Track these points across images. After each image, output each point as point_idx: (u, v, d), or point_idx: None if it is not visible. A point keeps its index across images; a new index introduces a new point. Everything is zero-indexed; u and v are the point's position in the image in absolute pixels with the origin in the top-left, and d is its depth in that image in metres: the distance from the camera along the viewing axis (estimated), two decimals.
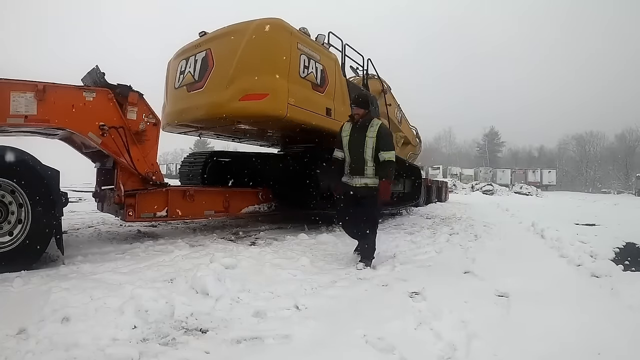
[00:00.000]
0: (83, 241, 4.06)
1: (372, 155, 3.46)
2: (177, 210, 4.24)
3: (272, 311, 2.29)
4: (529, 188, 29.13)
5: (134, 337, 1.88)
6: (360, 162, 3.50)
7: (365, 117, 3.53)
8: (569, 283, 3.12)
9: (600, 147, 53.54)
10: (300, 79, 4.73)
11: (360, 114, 3.52)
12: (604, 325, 2.17)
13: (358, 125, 3.53)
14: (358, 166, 3.52)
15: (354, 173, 3.56)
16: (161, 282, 2.67)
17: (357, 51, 6.54)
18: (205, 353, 1.78)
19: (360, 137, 3.48)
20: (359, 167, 3.52)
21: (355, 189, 3.54)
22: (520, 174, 39.66)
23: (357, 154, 3.51)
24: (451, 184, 24.18)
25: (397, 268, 3.45)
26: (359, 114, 3.52)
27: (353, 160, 3.56)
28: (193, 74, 4.89)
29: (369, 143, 3.45)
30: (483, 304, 2.49)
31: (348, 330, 2.01)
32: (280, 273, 3.06)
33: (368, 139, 3.45)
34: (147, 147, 3.86)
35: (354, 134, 3.54)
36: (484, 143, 60.58)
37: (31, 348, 1.70)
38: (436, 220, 7.94)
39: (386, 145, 3.46)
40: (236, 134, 6.09)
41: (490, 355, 1.81)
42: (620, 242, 4.87)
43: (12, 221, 2.87)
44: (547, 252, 4.48)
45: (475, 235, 5.62)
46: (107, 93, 3.54)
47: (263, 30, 4.47)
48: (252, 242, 4.51)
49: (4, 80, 3.04)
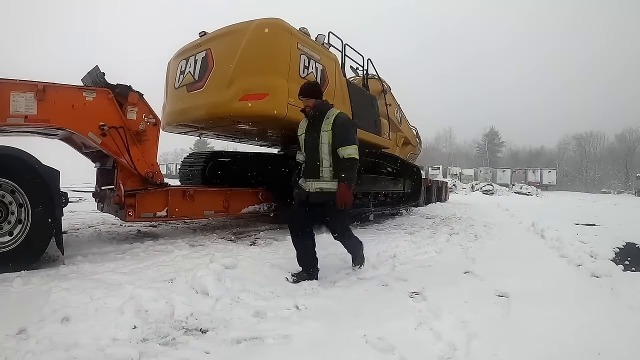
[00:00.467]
0: (83, 241, 4.06)
1: (329, 153, 2.91)
2: (177, 210, 4.24)
3: (272, 311, 2.30)
4: (529, 188, 29.13)
5: (134, 337, 1.88)
6: (314, 162, 2.96)
7: (318, 107, 2.98)
8: (569, 283, 3.12)
9: (600, 147, 53.61)
10: (301, 79, 4.71)
11: (310, 104, 2.98)
12: (604, 326, 2.17)
13: (312, 119, 3.01)
14: (312, 167, 2.97)
15: (308, 176, 3.01)
16: (161, 282, 2.67)
17: (357, 51, 6.54)
18: (205, 353, 1.78)
19: (314, 133, 2.96)
20: (314, 168, 2.96)
21: (308, 195, 3.00)
22: (520, 174, 39.66)
23: (312, 153, 2.97)
24: (451, 184, 24.17)
25: (397, 268, 3.45)
26: (310, 105, 2.97)
27: (308, 161, 3.04)
28: (193, 74, 4.89)
29: (323, 138, 2.90)
30: (483, 304, 2.49)
31: (348, 330, 2.01)
32: (280, 273, 3.06)
33: (323, 134, 2.90)
34: (147, 147, 3.86)
35: (309, 130, 3.03)
36: (484, 143, 60.59)
37: (31, 348, 1.70)
38: (436, 220, 7.95)
39: (345, 138, 2.88)
40: (236, 134, 6.09)
41: (490, 355, 1.81)
42: (620, 242, 4.87)
43: (12, 221, 2.87)
44: (547, 252, 4.48)
45: (475, 235, 5.62)
46: (107, 93, 3.54)
47: (263, 30, 4.47)
48: (252, 242, 4.51)
49: (4, 80, 3.04)
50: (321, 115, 2.96)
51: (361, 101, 6.17)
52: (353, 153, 2.87)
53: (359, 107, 5.96)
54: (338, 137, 2.88)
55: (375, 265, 3.48)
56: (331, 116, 2.94)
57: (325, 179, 2.93)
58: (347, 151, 2.86)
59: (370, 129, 6.40)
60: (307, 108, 2.99)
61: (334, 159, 2.92)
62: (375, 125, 6.66)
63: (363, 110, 6.13)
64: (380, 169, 7.11)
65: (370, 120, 6.43)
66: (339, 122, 2.91)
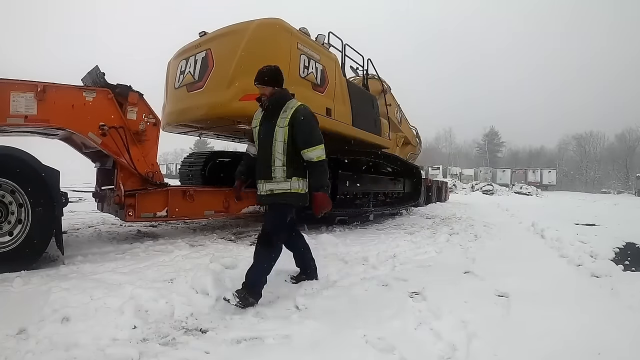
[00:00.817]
0: (83, 241, 4.06)
1: (283, 152, 2.48)
2: (177, 210, 4.24)
3: (272, 311, 2.30)
4: (529, 188, 29.12)
5: (134, 337, 1.88)
6: (267, 161, 2.53)
7: (274, 97, 2.55)
8: (569, 283, 3.12)
9: (600, 147, 53.62)
10: (300, 79, 4.73)
11: (267, 93, 2.55)
12: (604, 326, 2.17)
13: (267, 110, 2.59)
14: (264, 167, 2.55)
15: (260, 176, 2.60)
16: (161, 282, 2.67)
17: (357, 51, 6.54)
18: (205, 353, 1.78)
19: (269, 127, 2.53)
20: (266, 168, 2.54)
21: (260, 198, 2.63)
22: (520, 174, 39.67)
23: (265, 151, 2.55)
24: (451, 184, 24.17)
25: (397, 268, 3.45)
26: (266, 94, 2.55)
27: (260, 159, 2.61)
28: (193, 74, 4.89)
29: (278, 135, 2.47)
30: (483, 304, 2.49)
31: (348, 330, 2.01)
32: (280, 273, 3.05)
33: (278, 129, 2.47)
34: (147, 147, 3.86)
35: (263, 124, 2.61)
36: (484, 143, 60.60)
37: (31, 348, 1.70)
38: (436, 220, 7.95)
39: (307, 137, 2.46)
40: (236, 134, 6.09)
41: (490, 355, 1.81)
42: (620, 242, 4.88)
43: (12, 221, 2.87)
44: (547, 252, 4.48)
45: (475, 235, 5.62)
46: (107, 93, 3.54)
47: (263, 30, 4.48)
48: (252, 242, 4.51)
49: (4, 80, 3.04)
50: (277, 107, 2.54)
51: (361, 101, 6.18)
52: (322, 155, 2.48)
53: (359, 107, 5.97)
54: (300, 137, 2.46)
55: (375, 265, 3.48)
56: (289, 109, 2.50)
57: (278, 180, 2.51)
58: (315, 153, 2.46)
59: (370, 129, 6.40)
60: (262, 97, 2.57)
61: (289, 158, 2.49)
62: (375, 125, 6.66)
63: (363, 110, 6.14)
64: (380, 169, 7.11)
65: (370, 120, 6.43)
66: (300, 118, 2.46)
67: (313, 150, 2.46)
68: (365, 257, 3.77)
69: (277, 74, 2.60)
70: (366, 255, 3.85)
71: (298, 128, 2.46)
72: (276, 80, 2.58)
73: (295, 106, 2.52)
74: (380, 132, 6.86)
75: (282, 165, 2.49)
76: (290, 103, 2.56)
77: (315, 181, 2.49)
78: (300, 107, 2.53)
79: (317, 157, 2.47)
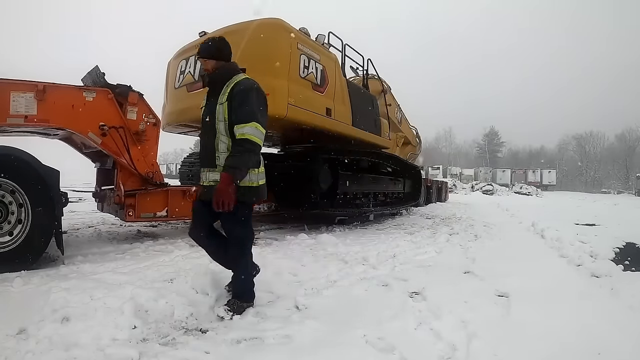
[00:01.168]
0: (83, 241, 4.06)
1: (226, 133, 2.13)
2: (177, 210, 4.24)
3: (272, 311, 2.30)
4: (529, 188, 29.13)
5: (134, 337, 1.88)
6: (211, 145, 2.19)
7: (218, 72, 2.22)
8: (569, 283, 3.12)
9: (600, 147, 53.62)
10: (300, 79, 4.72)
11: (209, 68, 2.23)
12: (604, 325, 2.17)
13: (211, 87, 2.27)
14: (208, 153, 2.21)
15: (204, 164, 2.27)
16: (161, 282, 2.67)
17: (357, 51, 6.54)
18: (205, 353, 1.78)
19: (212, 107, 2.20)
20: (209, 154, 2.20)
21: (202, 191, 2.26)
22: (520, 174, 39.69)
23: (208, 133, 2.21)
24: (451, 184, 24.18)
25: (397, 268, 3.45)
26: (208, 68, 2.23)
27: (203, 143, 2.28)
28: (193, 74, 4.90)
29: (219, 113, 2.13)
30: (483, 304, 2.49)
31: (348, 330, 2.01)
32: (281, 273, 3.05)
33: (219, 107, 2.14)
34: (147, 147, 3.87)
35: (207, 103, 2.29)
36: (484, 143, 60.60)
37: (31, 348, 1.70)
38: (436, 220, 7.94)
39: (244, 112, 2.07)
40: None
41: (490, 355, 1.81)
42: (620, 242, 4.88)
43: (12, 221, 2.87)
44: (547, 252, 4.48)
45: (475, 235, 5.62)
46: (107, 93, 3.54)
47: (263, 30, 4.48)
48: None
49: (4, 80, 3.04)
50: (221, 82, 2.19)
51: (361, 101, 6.18)
52: (250, 133, 2.04)
53: (359, 107, 5.97)
54: (235, 111, 2.08)
55: (375, 265, 3.48)
56: (232, 82, 2.16)
57: (221, 167, 2.12)
58: (242, 130, 2.05)
59: (370, 129, 6.40)
60: (205, 72, 2.27)
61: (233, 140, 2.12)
62: (375, 125, 6.66)
63: (363, 110, 6.14)
64: (380, 169, 7.12)
65: (370, 120, 6.43)
66: (238, 90, 2.10)
67: (243, 126, 2.05)
68: (365, 257, 3.77)
69: (221, 45, 2.27)
70: (366, 255, 3.85)
71: (235, 100, 2.08)
72: (220, 53, 2.24)
73: (238, 79, 2.17)
74: (380, 132, 6.86)
75: (226, 150, 2.13)
76: (236, 77, 2.19)
77: (230, 160, 2.04)
78: (243, 80, 2.17)
79: (241, 135, 2.05)
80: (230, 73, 2.23)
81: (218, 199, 1.99)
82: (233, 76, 2.21)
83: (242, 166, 2.06)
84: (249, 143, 2.05)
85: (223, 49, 2.27)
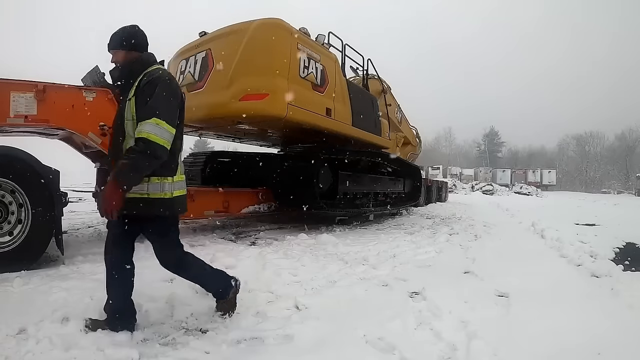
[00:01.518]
0: (83, 241, 4.06)
1: (135, 134, 1.77)
2: None
3: (272, 311, 2.29)
4: (529, 188, 29.14)
5: (134, 337, 1.88)
6: (117, 148, 1.87)
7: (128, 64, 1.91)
8: (569, 283, 3.12)
9: (600, 147, 53.59)
10: (300, 79, 4.73)
11: (119, 59, 1.94)
12: (604, 325, 2.17)
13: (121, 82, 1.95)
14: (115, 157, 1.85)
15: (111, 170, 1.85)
16: (161, 282, 2.66)
17: (357, 51, 6.55)
18: (205, 353, 1.78)
19: (122, 105, 1.91)
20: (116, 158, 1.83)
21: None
22: (520, 174, 39.67)
23: (116, 134, 1.92)
24: (451, 184, 24.18)
25: (397, 268, 3.45)
26: (118, 59, 1.94)
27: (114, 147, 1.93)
28: (193, 74, 4.90)
29: (127, 112, 1.84)
30: (483, 304, 2.49)
31: (348, 330, 2.01)
32: (281, 273, 3.06)
33: (127, 104, 1.84)
34: None
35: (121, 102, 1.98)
36: (484, 143, 60.60)
37: (31, 348, 1.70)
38: (436, 220, 7.94)
39: (146, 107, 1.76)
40: (236, 134, 6.09)
41: (490, 355, 1.81)
42: (620, 242, 4.89)
43: (12, 221, 2.87)
44: (547, 252, 4.48)
45: (475, 235, 5.62)
46: (107, 93, 3.54)
47: (263, 30, 4.48)
48: (252, 242, 4.51)
49: (4, 80, 3.04)
50: (132, 76, 1.89)
51: (361, 101, 6.18)
52: (148, 131, 1.70)
53: (359, 107, 5.97)
54: (139, 107, 1.79)
55: (375, 265, 3.48)
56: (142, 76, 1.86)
57: None
58: (140, 128, 1.72)
59: (370, 129, 6.41)
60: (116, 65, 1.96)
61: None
62: (375, 125, 6.66)
63: (363, 110, 6.14)
64: (380, 169, 7.12)
65: (370, 120, 6.44)
66: (144, 82, 1.81)
67: (142, 124, 1.72)
68: (365, 257, 3.77)
69: (133, 33, 1.95)
70: (366, 255, 3.85)
71: (140, 96, 1.79)
72: (131, 43, 1.92)
73: (149, 70, 1.87)
74: (380, 132, 6.86)
75: None
76: (149, 71, 1.87)
77: (121, 162, 1.70)
78: (153, 70, 1.86)
79: (139, 133, 1.71)
80: (144, 65, 1.90)
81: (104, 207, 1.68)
82: (147, 69, 1.89)
83: (132, 171, 1.68)
84: (143, 143, 1.68)
85: (136, 38, 1.95)
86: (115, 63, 1.95)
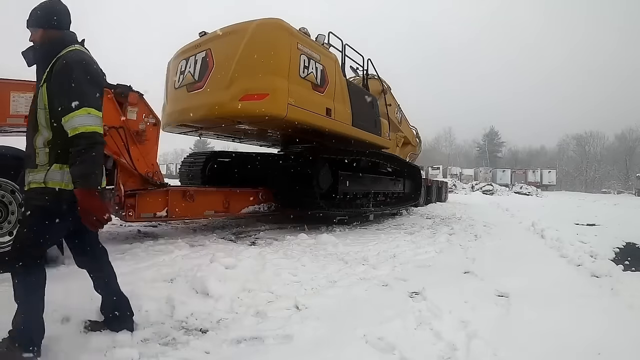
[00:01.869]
0: None
1: (47, 124, 1.61)
2: (177, 211, 4.24)
3: (272, 311, 2.30)
4: (529, 188, 29.12)
5: (134, 337, 1.88)
6: (31, 139, 1.67)
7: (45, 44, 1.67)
8: (569, 283, 3.12)
9: (600, 147, 53.60)
10: (300, 79, 4.73)
11: (36, 39, 1.70)
12: (604, 325, 2.17)
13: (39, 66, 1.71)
14: (28, 150, 1.69)
15: (26, 164, 1.70)
16: (161, 282, 2.67)
17: (357, 51, 6.55)
18: (205, 353, 1.78)
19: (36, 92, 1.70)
20: (29, 151, 1.68)
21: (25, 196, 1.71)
22: (520, 174, 39.65)
23: (29, 124, 1.70)
24: (451, 184, 24.18)
25: (397, 268, 3.45)
26: (36, 39, 1.70)
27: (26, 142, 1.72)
28: (193, 74, 4.89)
29: (40, 99, 1.63)
30: (483, 304, 2.49)
31: (348, 330, 2.02)
32: (281, 273, 3.06)
33: (41, 90, 1.63)
34: (147, 147, 3.87)
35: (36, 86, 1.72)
36: (484, 143, 60.60)
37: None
38: (436, 220, 7.95)
39: (68, 95, 1.54)
40: (236, 134, 6.09)
41: (490, 355, 1.81)
42: (620, 242, 4.89)
43: (12, 221, 2.88)
44: (547, 252, 4.48)
45: (475, 235, 5.62)
46: (107, 93, 3.54)
47: (263, 30, 4.48)
48: (252, 242, 4.51)
49: (4, 80, 3.04)
50: (47, 57, 1.65)
51: (361, 101, 6.18)
52: (83, 124, 1.52)
53: (359, 107, 5.97)
54: (57, 96, 1.56)
55: (375, 265, 3.48)
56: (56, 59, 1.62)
57: (42, 166, 1.62)
58: (72, 123, 1.53)
59: (370, 129, 6.41)
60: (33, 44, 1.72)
61: (56, 133, 1.60)
62: (375, 125, 6.67)
63: (363, 110, 6.14)
64: (380, 169, 7.12)
65: (370, 120, 6.44)
66: (60, 65, 1.57)
67: (72, 117, 1.52)
68: (365, 257, 3.78)
69: (53, 10, 1.70)
70: (366, 255, 3.85)
71: (55, 82, 1.57)
72: (50, 20, 1.68)
73: (64, 52, 1.62)
74: (380, 132, 6.86)
75: (44, 144, 1.61)
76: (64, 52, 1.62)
77: (75, 169, 1.53)
78: (69, 52, 1.61)
79: (74, 129, 1.52)
80: (61, 45, 1.65)
81: (88, 216, 1.58)
82: (62, 50, 1.63)
83: (90, 170, 1.54)
84: (85, 138, 1.52)
85: (55, 15, 1.69)
86: (33, 42, 1.71)
